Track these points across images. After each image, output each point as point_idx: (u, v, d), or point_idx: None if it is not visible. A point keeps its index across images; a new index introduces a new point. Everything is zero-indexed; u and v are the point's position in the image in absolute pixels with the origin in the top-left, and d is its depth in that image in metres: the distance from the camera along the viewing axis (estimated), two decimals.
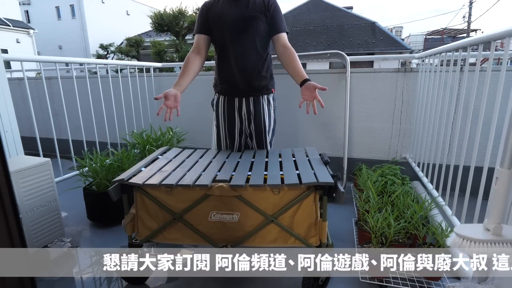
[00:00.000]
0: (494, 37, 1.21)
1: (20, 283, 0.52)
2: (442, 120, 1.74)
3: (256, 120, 1.70)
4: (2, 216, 0.47)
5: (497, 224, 0.96)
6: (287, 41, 1.60)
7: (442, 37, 18.62)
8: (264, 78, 1.68)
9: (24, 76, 2.23)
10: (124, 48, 12.63)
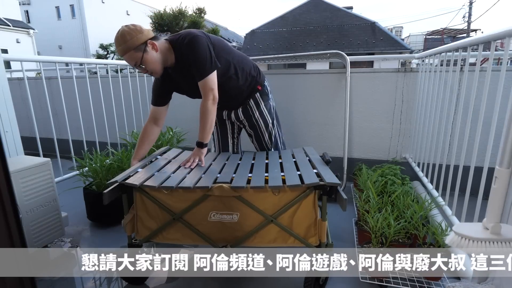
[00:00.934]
0: (494, 37, 1.21)
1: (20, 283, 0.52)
2: (442, 120, 1.74)
3: (250, 124, 1.73)
4: (2, 216, 0.47)
5: (496, 223, 0.96)
6: (206, 87, 1.44)
7: (442, 37, 18.62)
8: (244, 88, 1.64)
9: (24, 76, 2.23)
10: None
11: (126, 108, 2.83)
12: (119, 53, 1.40)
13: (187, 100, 3.07)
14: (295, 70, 2.70)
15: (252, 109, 1.70)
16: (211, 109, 1.45)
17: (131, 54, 1.37)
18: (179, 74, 1.53)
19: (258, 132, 1.75)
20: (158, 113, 1.62)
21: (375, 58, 8.54)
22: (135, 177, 1.27)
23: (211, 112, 1.46)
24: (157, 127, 1.63)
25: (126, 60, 1.40)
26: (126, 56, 1.38)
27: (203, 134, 1.47)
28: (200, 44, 1.41)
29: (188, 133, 2.88)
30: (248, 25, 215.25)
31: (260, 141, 1.77)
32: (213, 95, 1.45)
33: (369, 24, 13.48)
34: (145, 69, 1.43)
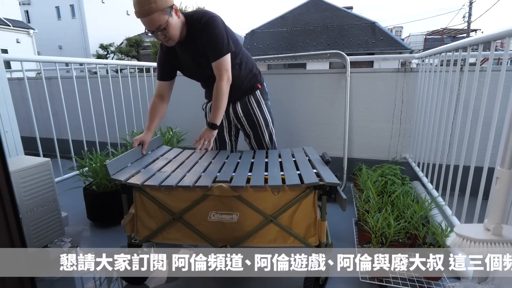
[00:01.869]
0: (494, 37, 1.21)
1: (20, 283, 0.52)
2: (442, 120, 1.74)
3: (249, 121, 1.73)
4: (2, 216, 0.47)
5: (497, 224, 0.96)
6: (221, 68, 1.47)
7: (442, 37, 18.62)
8: (245, 82, 1.66)
9: (24, 76, 2.23)
10: (124, 48, 12.64)
11: (126, 108, 2.83)
12: (141, 14, 1.32)
13: (187, 100, 3.08)
14: (295, 70, 2.70)
15: (252, 106, 1.70)
16: (225, 90, 1.47)
17: (157, 15, 1.33)
18: (187, 51, 1.53)
19: (259, 131, 1.74)
20: (163, 89, 1.63)
21: (375, 58, 8.54)
22: (136, 177, 1.27)
23: (225, 93, 1.48)
24: (164, 102, 1.64)
25: (149, 22, 1.34)
26: (151, 17, 1.32)
27: (216, 114, 1.48)
28: (218, 24, 1.44)
29: (188, 133, 2.88)
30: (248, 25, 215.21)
31: (260, 141, 1.77)
32: (228, 76, 1.47)
33: (369, 24, 13.48)
34: (165, 34, 1.41)
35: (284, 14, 15.12)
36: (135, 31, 16.91)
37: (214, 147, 1.82)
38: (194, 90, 3.01)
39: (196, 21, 1.45)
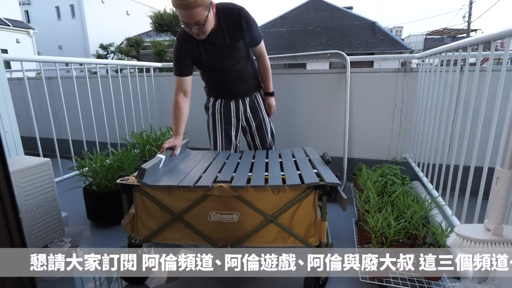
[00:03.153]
0: (494, 37, 1.21)
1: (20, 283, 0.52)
2: (442, 120, 1.74)
3: (255, 117, 1.79)
4: (2, 216, 0.47)
5: (498, 224, 0.96)
6: (263, 49, 1.69)
7: (442, 37, 18.62)
8: (254, 79, 1.76)
9: (24, 76, 2.23)
10: (124, 48, 12.64)
11: (126, 108, 2.83)
12: (185, 6, 1.31)
13: None
14: (295, 70, 2.70)
15: (258, 102, 1.79)
16: (269, 64, 1.75)
17: (200, 10, 1.33)
18: (213, 42, 1.54)
19: (263, 126, 1.82)
20: (186, 84, 1.63)
21: (375, 58, 8.54)
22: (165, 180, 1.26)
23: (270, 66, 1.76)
24: (188, 99, 1.65)
25: (190, 15, 1.34)
26: (194, 11, 1.32)
27: (270, 83, 1.78)
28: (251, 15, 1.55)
29: (188, 133, 2.87)
30: None
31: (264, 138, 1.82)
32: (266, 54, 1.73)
33: (369, 24, 13.48)
34: (200, 28, 1.42)
35: (284, 14, 15.12)
36: (135, 31, 16.93)
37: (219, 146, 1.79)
38: (194, 90, 3.01)
39: (229, 13, 1.50)
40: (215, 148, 1.78)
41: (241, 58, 1.63)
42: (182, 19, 1.40)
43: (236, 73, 1.65)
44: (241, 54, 1.62)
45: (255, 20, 1.56)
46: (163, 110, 3.21)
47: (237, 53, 1.59)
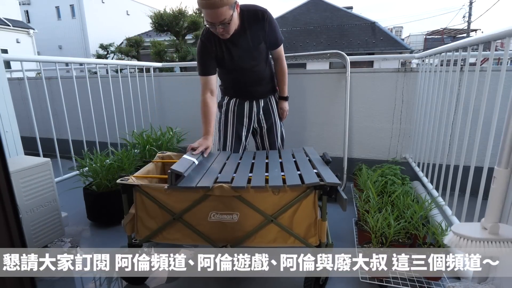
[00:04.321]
0: (494, 37, 1.21)
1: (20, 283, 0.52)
2: (442, 120, 1.74)
3: (267, 120, 1.79)
4: (2, 216, 0.47)
5: (494, 223, 0.96)
6: (282, 52, 1.71)
7: (442, 37, 18.61)
8: (270, 82, 1.76)
9: (24, 76, 2.23)
10: (124, 48, 12.63)
11: (126, 108, 2.83)
12: (211, 5, 1.31)
13: (187, 100, 3.08)
14: (295, 70, 2.70)
15: (272, 105, 1.80)
16: (286, 68, 1.76)
17: (226, 9, 1.34)
18: (239, 42, 1.55)
19: (273, 131, 1.82)
20: (211, 83, 1.62)
21: (375, 58, 8.54)
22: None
23: (287, 71, 1.76)
24: (214, 97, 1.65)
25: (216, 14, 1.34)
26: (219, 10, 1.32)
27: (286, 88, 1.79)
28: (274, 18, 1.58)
29: (188, 133, 2.88)
30: None
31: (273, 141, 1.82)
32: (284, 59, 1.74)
33: (369, 24, 13.47)
34: (226, 28, 1.42)
35: (284, 14, 15.11)
36: (135, 31, 16.92)
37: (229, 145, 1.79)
38: (194, 90, 3.01)
39: (253, 14, 1.52)
40: (224, 146, 1.77)
41: (261, 60, 1.64)
42: (207, 19, 1.40)
43: (255, 74, 1.66)
44: (262, 56, 1.63)
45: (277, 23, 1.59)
46: (163, 110, 3.21)
47: (259, 54, 1.61)
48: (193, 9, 11.03)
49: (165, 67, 3.89)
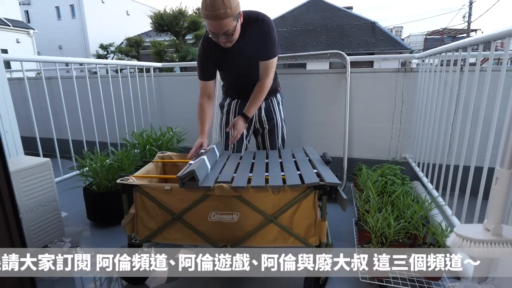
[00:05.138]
0: (494, 37, 1.21)
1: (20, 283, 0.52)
2: (442, 120, 1.74)
3: (269, 121, 1.77)
4: (2, 216, 0.47)
5: (497, 224, 0.96)
6: (270, 68, 1.57)
7: (442, 37, 18.61)
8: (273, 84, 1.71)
9: (24, 76, 2.23)
10: (124, 48, 12.63)
11: (126, 108, 2.83)
12: (214, 17, 1.29)
13: (187, 100, 3.08)
14: (295, 70, 2.70)
15: (274, 107, 1.77)
16: (268, 87, 1.59)
17: (230, 20, 1.32)
18: (237, 49, 1.52)
19: (275, 133, 1.79)
20: (209, 88, 1.63)
21: (375, 58, 8.54)
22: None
23: (266, 91, 1.60)
24: (211, 101, 1.65)
25: (220, 25, 1.32)
26: (224, 21, 1.31)
27: (253, 108, 1.59)
28: (274, 29, 1.53)
29: (188, 133, 2.88)
30: None
31: (274, 142, 1.80)
32: (272, 76, 1.60)
33: (369, 24, 13.47)
34: (229, 38, 1.41)
35: (284, 14, 15.11)
36: (135, 31, 16.92)
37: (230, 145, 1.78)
38: (194, 90, 3.01)
39: (254, 21, 1.48)
40: (226, 146, 1.78)
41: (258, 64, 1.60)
42: (210, 29, 1.38)
43: (255, 79, 1.62)
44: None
45: (276, 35, 1.53)
46: (163, 110, 3.21)
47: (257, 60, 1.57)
48: (193, 9, 11.04)
49: (165, 67, 3.89)
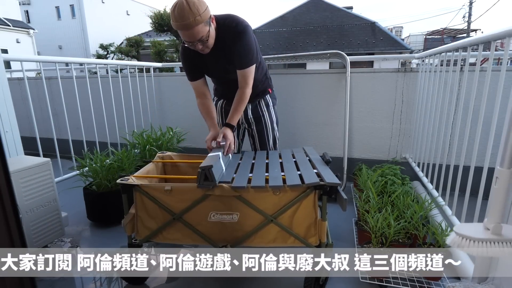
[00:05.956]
0: (494, 37, 1.21)
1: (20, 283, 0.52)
2: (442, 120, 1.74)
3: (257, 124, 1.75)
4: (2, 216, 0.47)
5: (497, 224, 0.96)
6: (247, 77, 1.51)
7: (442, 37, 18.61)
8: (259, 85, 1.69)
9: (24, 76, 2.23)
10: (124, 48, 12.63)
11: (126, 108, 2.83)
12: (185, 26, 1.29)
13: (186, 100, 3.08)
14: (295, 70, 2.70)
15: (262, 109, 1.74)
16: (248, 96, 1.55)
17: (201, 27, 1.31)
18: (213, 54, 1.50)
19: (264, 134, 1.77)
20: (201, 87, 1.62)
21: (375, 58, 8.55)
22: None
23: (247, 99, 1.56)
24: (209, 98, 1.65)
25: (192, 34, 1.31)
26: (196, 28, 1.30)
27: (235, 117, 1.55)
28: (251, 35, 1.48)
29: (188, 133, 2.88)
30: None
31: (264, 144, 1.78)
32: (251, 84, 1.54)
33: (369, 24, 13.47)
34: (204, 44, 1.39)
35: (284, 14, 15.11)
36: (135, 31, 16.93)
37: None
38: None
39: (229, 27, 1.44)
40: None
41: None
42: (184, 39, 1.37)
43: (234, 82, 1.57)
44: None
45: (253, 43, 1.48)
46: (163, 110, 3.21)
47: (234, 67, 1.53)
48: None
49: (165, 67, 3.89)
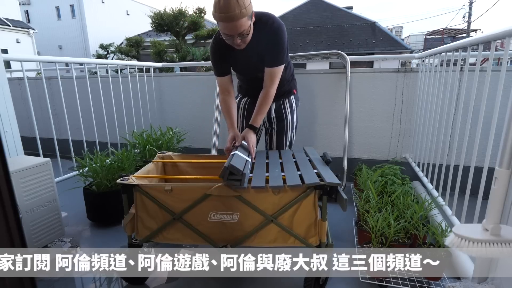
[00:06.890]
0: (494, 37, 1.21)
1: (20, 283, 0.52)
2: (442, 120, 1.74)
3: (278, 123, 1.74)
4: (2, 216, 0.47)
5: (496, 224, 0.96)
6: (275, 76, 1.51)
7: (442, 37, 18.61)
8: (285, 84, 1.68)
9: (24, 76, 2.23)
10: (124, 48, 12.62)
11: (126, 108, 2.83)
12: (230, 18, 1.26)
13: (187, 100, 3.08)
14: (295, 70, 2.69)
15: (286, 109, 1.73)
16: (272, 96, 1.54)
17: (245, 20, 1.29)
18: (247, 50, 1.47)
19: (284, 134, 1.76)
20: (227, 83, 1.61)
21: (375, 58, 8.54)
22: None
23: (272, 99, 1.55)
24: (232, 96, 1.64)
25: (235, 26, 1.29)
26: (240, 21, 1.27)
27: (259, 118, 1.53)
28: (285, 34, 1.47)
29: (188, 133, 2.88)
30: None
31: (282, 144, 1.77)
32: (277, 84, 1.53)
33: (369, 24, 13.47)
34: (243, 39, 1.38)
35: (284, 14, 15.10)
36: (135, 31, 16.92)
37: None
38: (195, 89, 3.01)
39: (265, 24, 1.43)
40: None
41: None
42: (224, 31, 1.34)
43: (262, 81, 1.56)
44: None
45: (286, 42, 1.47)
46: (163, 110, 3.21)
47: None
48: (193, 9, 11.02)
49: (165, 67, 3.89)
